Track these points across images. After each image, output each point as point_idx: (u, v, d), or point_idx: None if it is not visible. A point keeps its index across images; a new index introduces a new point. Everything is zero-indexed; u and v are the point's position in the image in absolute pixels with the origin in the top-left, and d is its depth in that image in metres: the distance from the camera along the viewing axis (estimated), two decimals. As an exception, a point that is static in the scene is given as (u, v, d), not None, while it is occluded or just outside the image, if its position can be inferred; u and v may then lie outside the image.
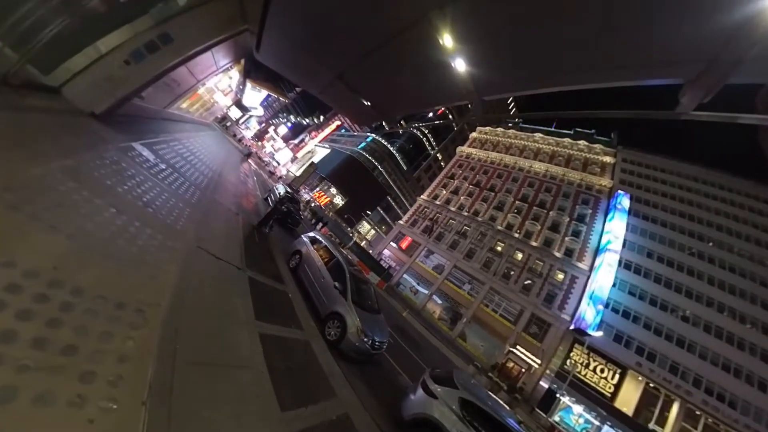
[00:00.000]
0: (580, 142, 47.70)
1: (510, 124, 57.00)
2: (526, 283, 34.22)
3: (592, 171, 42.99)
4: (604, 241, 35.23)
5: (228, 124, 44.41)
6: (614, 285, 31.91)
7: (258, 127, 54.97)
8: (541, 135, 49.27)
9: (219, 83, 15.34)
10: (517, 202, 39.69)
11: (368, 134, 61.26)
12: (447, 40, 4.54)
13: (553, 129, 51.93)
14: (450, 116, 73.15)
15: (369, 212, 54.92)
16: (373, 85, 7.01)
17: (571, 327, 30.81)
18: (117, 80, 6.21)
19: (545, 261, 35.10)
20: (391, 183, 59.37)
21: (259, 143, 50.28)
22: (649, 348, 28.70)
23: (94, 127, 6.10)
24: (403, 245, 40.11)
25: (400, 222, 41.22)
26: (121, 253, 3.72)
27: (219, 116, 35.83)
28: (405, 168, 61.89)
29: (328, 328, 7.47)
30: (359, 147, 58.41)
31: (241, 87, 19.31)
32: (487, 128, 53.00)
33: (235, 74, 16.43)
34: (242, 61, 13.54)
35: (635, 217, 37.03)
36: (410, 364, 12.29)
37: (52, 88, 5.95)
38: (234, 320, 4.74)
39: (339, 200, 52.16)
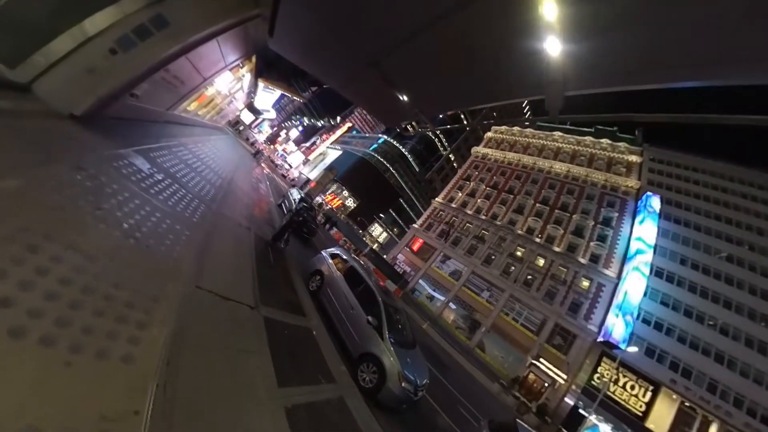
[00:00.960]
0: (603, 140, 44.98)
1: (527, 123, 54.58)
2: (549, 290, 32.13)
3: (617, 171, 40.33)
4: (632, 246, 32.81)
5: (241, 128, 43.94)
6: (645, 294, 29.53)
7: (270, 131, 54.55)
8: (560, 134, 46.72)
9: (229, 84, 14.16)
10: (537, 204, 37.51)
11: (380, 136, 59.90)
12: (548, 9, 3.05)
13: (572, 127, 49.30)
14: (462, 116, 71.01)
15: (382, 215, 53.59)
16: (416, 75, 5.56)
17: (599, 339, 28.69)
18: (101, 74, 4.95)
19: (569, 267, 32.89)
20: (403, 185, 57.80)
21: (272, 146, 49.70)
22: (684, 363, 26.31)
23: (72, 132, 4.86)
24: (414, 247, 38.52)
25: (415, 226, 39.64)
26: (74, 341, 2.38)
27: (232, 120, 35.27)
28: (417, 169, 60.17)
29: (362, 372, 6.10)
30: (371, 149, 57.09)
31: (252, 88, 18.19)
32: (503, 127, 50.76)
33: (246, 76, 15.26)
34: (254, 59, 12.30)
35: (666, 221, 34.36)
36: (445, 395, 10.82)
37: (20, 85, 4.73)
38: (250, 397, 3.39)
39: (351, 203, 50.98)
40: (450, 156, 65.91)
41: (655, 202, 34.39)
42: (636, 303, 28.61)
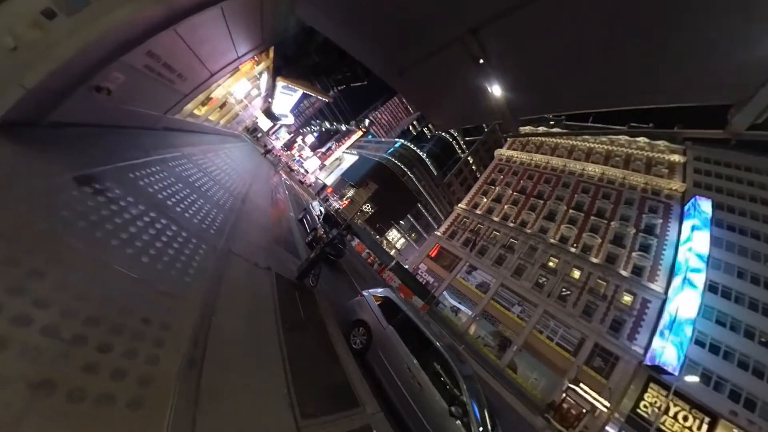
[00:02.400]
0: (639, 139, 41.01)
1: (552, 122, 50.98)
2: (586, 306, 28.85)
3: (658, 173, 36.37)
4: (681, 257, 29.11)
5: (259, 135, 42.89)
6: (698, 312, 25.93)
7: (288, 137, 53.77)
8: (590, 133, 42.96)
9: (244, 85, 12.27)
10: (570, 211, 34.18)
11: (396, 140, 57.75)
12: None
13: (603, 125, 45.38)
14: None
15: (401, 222, 51.32)
16: (531, 61, 3.38)
17: (646, 363, 25.31)
18: (30, 51, 2.94)
19: (609, 281, 29.49)
20: (421, 189, 55.24)
21: (288, 152, 48.65)
22: (746, 392, 22.66)
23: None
24: (432, 253, 35.96)
25: (437, 233, 37.11)
26: None
27: (249, 126, 34.24)
28: (435, 173, 57.49)
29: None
30: (388, 153, 54.94)
31: (270, 90, 16.34)
32: (528, 128, 47.41)
33: (263, 76, 13.34)
34: (271, 53, 10.29)
35: (718, 227, 30.40)
36: None
37: None
38: None
39: (368, 208, 48.97)
40: (469, 158, 62.84)
41: (706, 207, 30.46)
42: (688, 322, 25.09)
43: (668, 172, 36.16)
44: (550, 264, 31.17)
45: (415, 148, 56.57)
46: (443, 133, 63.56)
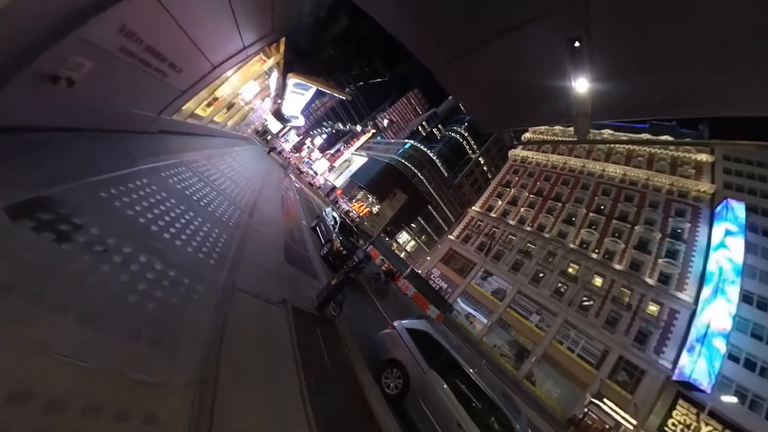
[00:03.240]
0: (663, 137, 38.69)
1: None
2: (610, 316, 27.05)
3: (685, 173, 34.07)
4: (712, 264, 27.00)
5: (269, 137, 42.16)
6: (732, 324, 23.92)
7: (297, 139, 53.13)
8: (610, 132, 40.74)
9: (253, 83, 11.25)
10: (591, 214, 32.27)
11: (406, 141, 56.32)
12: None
13: (623, 123, 43.00)
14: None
15: (412, 225, 49.97)
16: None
17: (675, 378, 23.47)
18: None
19: (634, 289, 27.60)
20: (431, 191, 53.69)
21: (297, 154, 47.95)
22: None
23: None
24: (445, 257, 34.51)
25: (450, 237, 35.65)
26: None
27: (259, 128, 33.53)
28: (446, 174, 55.84)
29: None
30: (398, 153, 53.61)
31: (280, 90, 15.29)
32: (542, 127, 45.36)
33: (272, 75, 12.24)
34: (282, 47, 9.14)
35: (753, 233, 28.14)
36: None
37: None
38: None
39: (378, 210, 47.80)
40: (480, 159, 60.95)
41: (739, 210, 28.22)
42: (721, 335, 23.14)
43: (695, 173, 33.85)
44: (570, 270, 29.41)
45: (425, 149, 55.03)
46: (453, 133, 61.79)
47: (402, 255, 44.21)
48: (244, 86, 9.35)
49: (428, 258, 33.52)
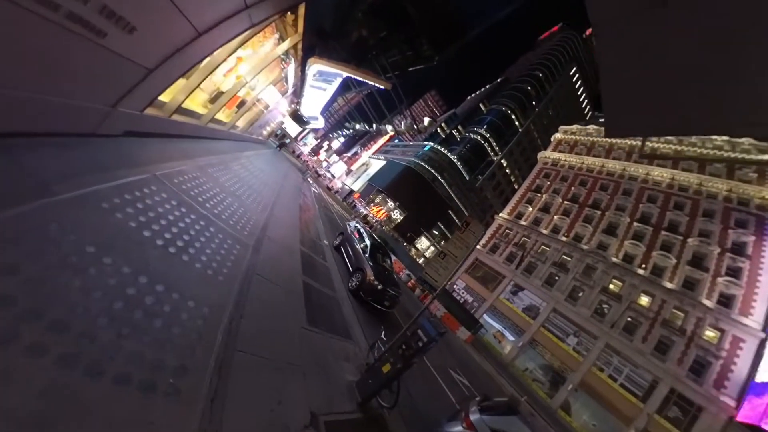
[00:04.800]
0: (716, 137, 33.98)
1: (601, 120, 44.45)
2: (660, 342, 23.46)
3: (745, 178, 29.42)
4: (786, 285, 22.85)
5: (287, 141, 41.03)
6: (814, 356, 19.94)
7: (315, 143, 52.11)
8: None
9: (269, 78, 9.29)
10: (635, 224, 28.47)
11: (425, 143, 53.66)
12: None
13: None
14: (513, 116, 61.84)
15: (435, 232, 47.34)
16: None
17: (739, 419, 19.77)
18: None
19: (688, 311, 23.81)
20: (452, 194, 50.71)
21: (315, 158, 46.79)
22: None
23: None
24: (466, 264, 31.74)
25: (477, 246, 32.83)
26: None
27: (278, 132, 32.20)
28: (467, 178, 52.66)
29: None
30: (417, 156, 51.02)
31: (298, 85, 13.32)
32: (574, 126, 41.40)
33: (290, 67, 10.20)
34: (300, 24, 7.01)
35: (835, 251, 23.67)
36: None
37: None
38: None
39: (397, 215, 45.51)
40: (502, 161, 57.21)
41: (818, 224, 23.80)
42: (802, 370, 19.21)
43: (757, 177, 29.19)
44: (612, 288, 25.91)
45: (445, 151, 52.06)
46: (473, 135, 58.40)
47: (420, 261, 41.76)
48: (253, 73, 7.33)
49: (461, 271, 30.82)
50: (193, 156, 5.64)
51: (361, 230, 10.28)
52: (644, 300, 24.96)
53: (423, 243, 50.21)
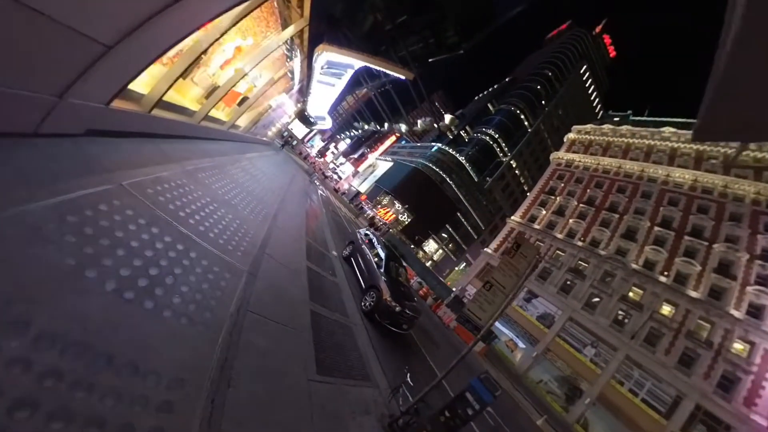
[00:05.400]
0: (741, 140, 31.95)
1: (617, 119, 42.70)
2: (684, 354, 21.96)
3: (773, 181, 27.65)
4: (822, 296, 21.15)
5: (294, 143, 40.48)
6: None
7: (321, 145, 51.48)
8: (672, 129, 34.39)
9: (272, 68, 8.37)
10: (656, 228, 26.90)
11: (432, 144, 52.42)
12: None
13: (685, 119, 36.36)
14: (522, 116, 60.13)
15: (444, 235, 46.14)
16: None
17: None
18: None
19: (715, 322, 22.23)
20: (460, 196, 49.35)
21: (322, 159, 46.14)
22: None
23: None
24: (476, 270, 30.43)
25: (488, 250, 31.49)
26: None
27: (285, 132, 31.48)
28: (476, 179, 51.23)
29: None
30: (425, 158, 49.81)
31: (305, 82, 12.39)
32: (588, 126, 39.73)
33: (296, 59, 9.23)
34: (306, 5, 6.02)
35: None
36: None
37: None
38: None
39: (404, 217, 44.41)
40: (512, 162, 55.57)
41: None
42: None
43: (788, 180, 27.36)
44: (632, 296, 24.43)
45: (453, 153, 50.69)
46: (482, 135, 56.89)
47: (428, 264, 40.54)
48: (255, 67, 6.39)
49: (465, 276, 29.63)
50: (179, 159, 4.70)
51: (373, 239, 9.29)
52: (667, 309, 23.45)
53: (431, 246, 49.01)
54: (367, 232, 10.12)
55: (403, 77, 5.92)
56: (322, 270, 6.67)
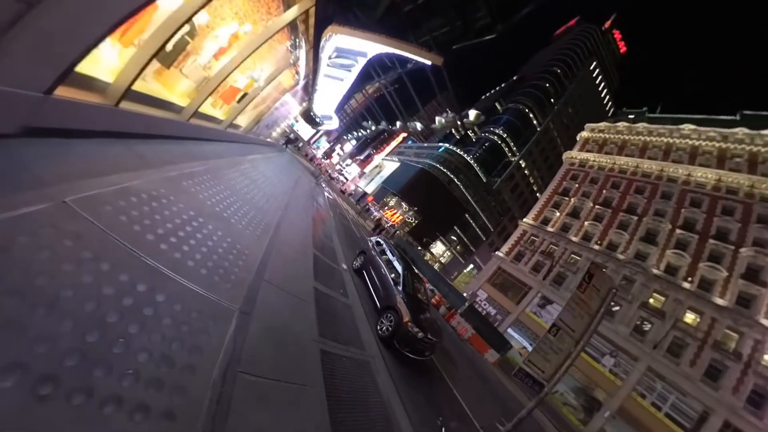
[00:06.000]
0: (766, 131, 30.17)
1: (632, 116, 40.90)
2: (710, 366, 20.54)
3: (806, 181, 25.89)
4: None
5: (300, 144, 39.88)
6: None
7: (327, 146, 50.89)
8: (692, 126, 32.62)
9: (275, 54, 7.54)
10: (677, 231, 25.40)
11: (440, 144, 51.26)
12: None
13: (707, 116, 34.41)
14: (531, 115, 58.52)
15: (452, 237, 44.98)
16: None
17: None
18: None
19: (744, 333, 20.74)
20: (468, 197, 48.09)
21: (328, 161, 45.55)
22: None
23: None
24: (488, 273, 29.25)
25: (499, 254, 30.26)
26: None
27: (289, 134, 30.65)
28: (484, 180, 49.90)
29: None
30: (432, 158, 48.70)
31: (310, 77, 11.53)
32: (602, 124, 38.13)
33: (300, 53, 8.34)
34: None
35: None
36: None
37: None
38: None
39: (411, 218, 43.37)
40: (521, 162, 54.02)
41: None
42: None
43: (821, 180, 25.63)
44: (654, 303, 23.05)
45: (461, 153, 49.44)
46: (490, 135, 55.42)
47: (435, 266, 39.47)
48: (255, 59, 5.49)
49: (476, 279, 28.48)
50: (159, 164, 3.82)
51: (386, 248, 8.32)
52: (691, 317, 22.02)
53: (438, 247, 47.87)
54: (379, 239, 9.17)
55: (429, 62, 4.97)
56: (332, 290, 5.75)
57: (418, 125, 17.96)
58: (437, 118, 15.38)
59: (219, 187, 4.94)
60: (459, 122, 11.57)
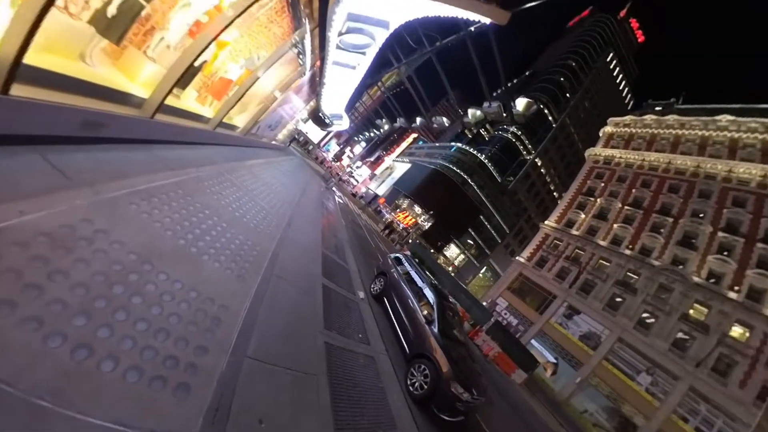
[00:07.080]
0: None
1: (659, 108, 37.89)
2: (764, 387, 18.17)
3: None
4: None
5: (310, 147, 39.03)
6: None
7: (336, 149, 50.04)
8: (729, 117, 29.55)
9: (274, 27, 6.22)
10: (719, 234, 22.89)
11: (452, 144, 49.21)
12: None
13: (747, 105, 31.11)
14: (546, 110, 55.67)
15: (468, 241, 43.00)
16: None
17: None
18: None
19: (804, 349, 18.32)
20: (482, 198, 45.89)
21: (338, 163, 44.61)
22: None
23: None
24: (509, 279, 27.26)
25: (520, 259, 28.25)
26: None
27: (299, 137, 29.33)
28: (499, 179, 47.56)
29: None
30: (444, 158, 46.77)
31: (317, 68, 10.28)
32: (627, 118, 35.37)
33: (305, 37, 7.08)
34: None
35: None
36: None
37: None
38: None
39: (424, 221, 41.71)
40: (537, 160, 51.32)
41: None
42: None
43: None
44: (695, 314, 20.72)
45: (474, 152, 47.25)
46: (504, 133, 52.91)
47: (449, 269, 37.69)
48: (250, 42, 4.17)
49: (503, 287, 26.60)
50: (88, 181, 2.51)
51: (410, 270, 6.83)
52: (739, 331, 19.61)
53: (452, 250, 45.93)
54: (399, 256, 7.71)
55: (488, 21, 3.49)
56: (348, 338, 4.34)
57: (445, 120, 16.20)
58: (471, 111, 13.72)
59: (193, 207, 3.60)
60: (504, 114, 9.93)
